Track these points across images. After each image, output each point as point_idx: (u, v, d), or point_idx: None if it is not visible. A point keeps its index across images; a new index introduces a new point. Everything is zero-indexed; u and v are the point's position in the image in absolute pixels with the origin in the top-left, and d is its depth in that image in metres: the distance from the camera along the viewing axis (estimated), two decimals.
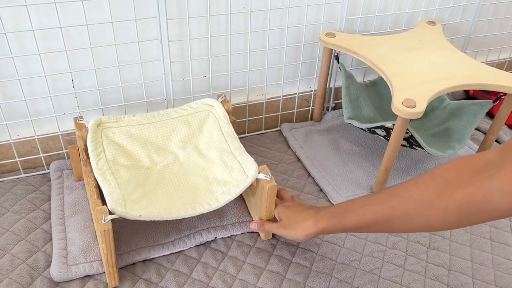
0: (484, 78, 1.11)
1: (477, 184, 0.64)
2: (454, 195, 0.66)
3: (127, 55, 1.13)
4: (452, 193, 0.67)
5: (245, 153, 1.04)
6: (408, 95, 1.01)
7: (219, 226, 1.05)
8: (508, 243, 1.07)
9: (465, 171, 0.67)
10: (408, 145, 1.17)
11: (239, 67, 1.27)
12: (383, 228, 0.79)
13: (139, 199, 0.94)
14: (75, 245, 0.98)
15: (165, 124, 1.11)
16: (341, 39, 1.23)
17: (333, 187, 1.18)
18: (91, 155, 1.00)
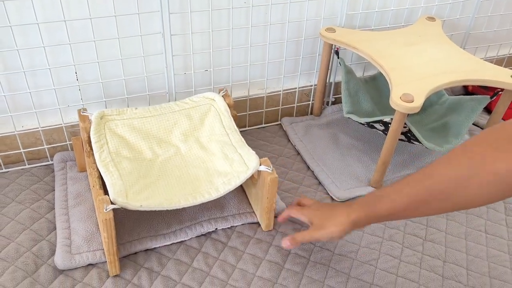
0: (482, 73, 1.12)
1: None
2: (495, 166, 0.62)
3: (130, 49, 1.14)
4: (491, 165, 0.63)
5: (246, 145, 1.06)
6: (406, 90, 1.03)
7: (219, 217, 1.07)
8: (502, 236, 1.09)
9: (500, 140, 0.63)
10: (406, 140, 1.19)
11: (240, 61, 1.29)
12: (420, 210, 0.74)
13: (141, 190, 0.97)
14: (78, 234, 1.00)
15: (167, 117, 1.13)
16: (341, 34, 1.25)
17: (332, 180, 1.20)
18: (94, 147, 1.02)
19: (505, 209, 1.17)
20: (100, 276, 0.93)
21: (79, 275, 0.93)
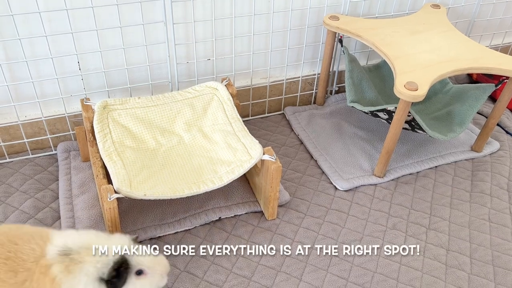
0: (487, 61, 1.11)
1: None
2: None
3: (132, 38, 1.14)
4: None
5: (249, 135, 1.06)
6: (410, 78, 1.02)
7: (224, 207, 1.07)
8: (506, 224, 1.09)
9: None
10: (410, 128, 1.18)
11: (243, 50, 1.28)
12: None
13: (145, 180, 0.97)
14: (82, 223, 1.00)
15: (170, 107, 1.12)
16: (345, 22, 1.23)
17: (335, 169, 1.20)
18: (97, 137, 1.02)
19: (509, 198, 1.16)
20: None
21: None
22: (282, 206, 1.10)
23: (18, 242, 0.72)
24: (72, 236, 0.75)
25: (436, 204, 1.13)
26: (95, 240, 0.75)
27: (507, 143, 1.33)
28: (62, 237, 0.74)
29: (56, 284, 0.70)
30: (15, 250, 0.71)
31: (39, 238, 0.74)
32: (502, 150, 1.31)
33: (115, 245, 0.74)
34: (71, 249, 0.72)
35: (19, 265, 0.70)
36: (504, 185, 1.19)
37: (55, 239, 0.74)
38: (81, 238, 0.75)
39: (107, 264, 0.72)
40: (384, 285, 0.94)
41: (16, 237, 0.73)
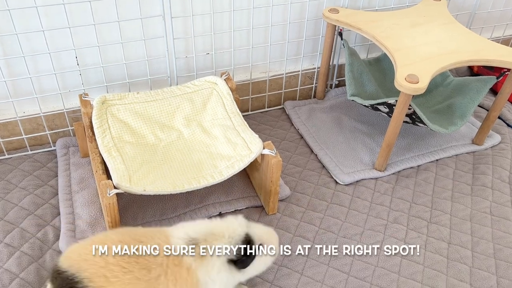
0: (488, 53, 1.10)
1: None
2: None
3: (130, 32, 1.13)
4: None
5: (249, 129, 1.05)
6: (411, 71, 1.01)
7: (224, 201, 1.07)
8: (508, 217, 1.09)
9: None
10: (410, 122, 1.17)
11: (242, 44, 1.27)
12: None
13: (145, 175, 0.96)
14: (82, 219, 1.00)
15: (169, 102, 1.12)
16: (345, 15, 1.22)
17: (336, 163, 1.19)
18: (96, 132, 1.02)
19: (510, 191, 1.16)
20: None
21: None
22: (283, 201, 1.09)
23: (142, 240, 0.75)
24: (190, 227, 0.78)
25: (437, 198, 1.12)
26: (214, 226, 0.79)
27: (508, 136, 1.33)
28: (181, 230, 0.78)
29: (192, 272, 0.73)
30: (139, 248, 0.73)
31: (160, 234, 0.77)
32: (503, 143, 1.30)
33: (236, 226, 0.79)
34: (196, 239, 0.76)
35: (151, 262, 0.72)
36: (505, 178, 1.19)
37: (174, 233, 0.77)
38: (200, 226, 0.78)
39: (235, 245, 0.76)
40: (386, 279, 0.94)
41: (139, 235, 0.76)
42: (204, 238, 0.76)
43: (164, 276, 0.72)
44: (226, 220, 0.81)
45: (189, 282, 0.73)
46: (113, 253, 0.72)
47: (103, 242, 0.73)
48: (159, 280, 0.72)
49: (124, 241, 0.74)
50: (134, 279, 0.71)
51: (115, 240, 0.74)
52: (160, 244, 0.75)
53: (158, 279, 0.72)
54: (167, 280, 0.72)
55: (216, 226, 0.79)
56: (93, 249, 0.72)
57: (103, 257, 0.72)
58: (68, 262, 0.72)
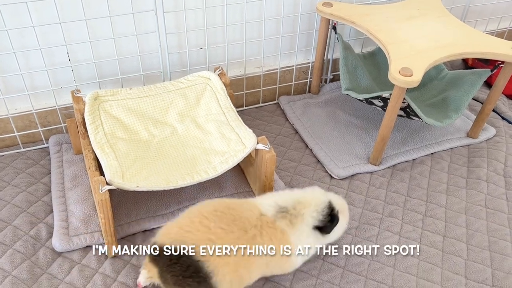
0: (482, 46, 1.10)
1: None
2: None
3: (122, 28, 1.12)
4: None
5: (243, 124, 1.05)
6: (405, 64, 1.01)
7: (217, 197, 1.06)
8: (503, 210, 1.09)
9: None
10: (405, 115, 1.17)
11: (236, 39, 1.26)
12: None
13: (138, 171, 0.95)
14: (75, 216, 0.99)
15: (162, 97, 1.11)
16: (338, 8, 1.22)
17: (331, 158, 1.19)
18: (89, 129, 1.01)
19: (505, 183, 1.16)
20: (98, 258, 0.93)
21: (77, 256, 0.93)
22: None
23: (235, 208, 0.82)
24: (277, 197, 0.87)
25: (433, 191, 1.12)
26: (299, 195, 0.87)
27: (503, 128, 1.33)
28: (269, 200, 0.86)
29: (285, 235, 0.82)
30: (236, 213, 0.81)
31: (248, 204, 0.85)
32: (498, 136, 1.30)
33: (319, 195, 0.87)
34: (285, 207, 0.84)
35: (246, 224, 0.80)
36: (500, 171, 1.19)
37: (263, 203, 0.85)
38: (287, 196, 0.87)
39: (321, 212, 0.85)
40: (381, 272, 0.93)
41: (231, 204, 0.83)
42: (294, 206, 0.84)
43: (260, 236, 0.80)
44: (308, 190, 0.89)
45: (283, 243, 0.81)
46: (213, 221, 0.78)
47: (199, 213, 0.80)
48: (255, 240, 0.79)
49: (218, 210, 0.80)
50: (235, 239, 0.77)
51: (210, 210, 0.80)
52: (252, 211, 0.82)
53: (254, 239, 0.79)
54: (262, 240, 0.80)
55: (301, 195, 0.87)
56: (192, 221, 0.78)
57: (203, 224, 0.78)
58: (169, 239, 0.76)
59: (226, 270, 0.75)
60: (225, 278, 0.75)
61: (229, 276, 0.76)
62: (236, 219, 0.79)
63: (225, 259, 0.75)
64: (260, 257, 0.79)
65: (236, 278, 0.77)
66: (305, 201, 0.85)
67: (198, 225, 0.77)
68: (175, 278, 0.74)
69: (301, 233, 0.84)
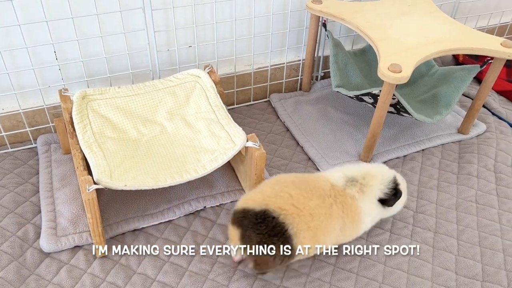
0: (471, 42, 1.10)
1: None
2: None
3: (110, 26, 1.11)
4: None
5: (233, 122, 1.04)
6: (394, 60, 1.01)
7: (208, 196, 1.06)
8: (493, 205, 1.09)
9: None
10: (395, 112, 1.17)
11: (226, 37, 1.26)
12: None
13: (126, 170, 0.95)
14: (64, 216, 0.98)
15: (151, 96, 1.10)
16: (328, 5, 1.21)
17: (322, 155, 1.19)
18: (77, 128, 1.00)
19: (495, 179, 1.16)
20: (87, 258, 0.92)
21: (65, 257, 0.92)
22: None
23: (308, 180, 0.89)
24: (344, 170, 0.93)
25: (423, 187, 1.12)
26: (368, 168, 0.94)
27: (494, 124, 1.33)
28: (337, 173, 0.93)
29: (355, 201, 0.89)
30: (312, 184, 0.87)
31: (318, 176, 0.92)
32: (488, 132, 1.30)
33: (386, 170, 0.95)
34: (354, 178, 0.91)
35: (322, 193, 0.86)
36: (491, 167, 1.19)
37: (332, 175, 0.92)
38: (355, 169, 0.93)
39: (387, 185, 0.92)
40: (372, 270, 0.93)
41: (305, 176, 0.91)
42: (363, 177, 0.91)
43: (335, 204, 0.86)
44: (374, 165, 0.97)
45: (353, 209, 0.88)
46: (293, 189, 0.84)
47: (278, 183, 0.87)
48: (332, 208, 0.86)
49: (295, 181, 0.87)
50: (316, 206, 0.84)
51: (288, 181, 0.87)
52: (325, 181, 0.89)
53: (331, 207, 0.86)
54: (337, 208, 0.86)
55: (369, 168, 0.94)
56: (274, 189, 0.85)
57: (285, 192, 0.84)
58: (252, 203, 0.83)
59: (307, 234, 0.82)
60: (305, 241, 0.82)
61: (309, 240, 0.82)
62: (313, 189, 0.86)
63: (307, 224, 0.82)
64: (336, 224, 0.86)
65: (314, 242, 0.84)
66: (373, 174, 0.92)
67: (280, 192, 0.84)
68: (260, 236, 0.80)
69: (369, 202, 0.91)
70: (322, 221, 0.84)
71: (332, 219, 0.85)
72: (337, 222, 0.86)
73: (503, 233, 1.02)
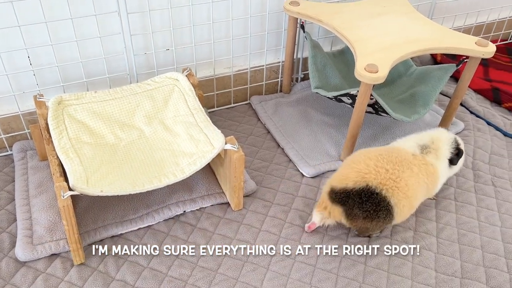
0: (446, 41, 1.11)
1: None
2: None
3: (86, 30, 1.09)
4: None
5: (211, 125, 1.04)
6: (370, 61, 1.01)
7: (188, 200, 1.05)
8: (472, 202, 1.10)
9: None
10: (374, 112, 1.18)
11: (204, 39, 1.25)
12: None
13: (104, 176, 0.93)
14: (40, 224, 0.96)
15: (129, 100, 1.09)
16: (306, 7, 1.22)
17: (302, 156, 1.19)
18: (53, 134, 0.98)
19: (473, 176, 1.17)
20: (64, 266, 0.90)
21: (42, 266, 0.90)
22: (249, 196, 1.08)
23: (392, 151, 0.97)
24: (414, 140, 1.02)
25: None
26: (431, 134, 1.03)
27: (471, 122, 1.35)
28: (409, 142, 1.02)
29: (433, 167, 0.98)
30: (397, 156, 0.95)
31: (398, 148, 0.99)
32: (466, 130, 1.32)
33: (447, 133, 1.05)
34: (426, 145, 1.00)
35: (409, 164, 0.95)
36: (469, 164, 1.20)
37: (406, 145, 1.01)
38: (422, 137, 1.03)
39: (453, 146, 1.02)
40: (353, 270, 0.93)
41: (387, 149, 0.99)
42: (433, 142, 1.01)
43: (421, 172, 0.95)
44: (435, 130, 1.06)
45: (435, 176, 0.98)
46: (386, 163, 0.93)
47: (366, 157, 0.95)
48: (419, 176, 0.95)
49: (382, 154, 0.95)
50: (409, 176, 0.93)
51: (375, 154, 0.95)
52: (406, 152, 0.97)
53: (418, 175, 0.95)
54: (423, 175, 0.96)
55: (433, 133, 1.03)
56: (368, 164, 0.93)
57: (379, 167, 0.92)
58: (351, 182, 0.91)
59: (405, 202, 0.92)
60: (404, 209, 0.93)
61: (406, 207, 0.93)
62: (400, 160, 0.94)
63: (404, 193, 0.92)
64: (423, 188, 0.96)
65: (410, 207, 0.95)
66: (439, 137, 1.02)
67: (374, 167, 0.92)
68: (366, 213, 0.90)
69: (443, 164, 1.00)
70: (415, 189, 0.94)
71: (420, 185, 0.95)
72: (424, 187, 0.96)
73: (481, 229, 1.03)
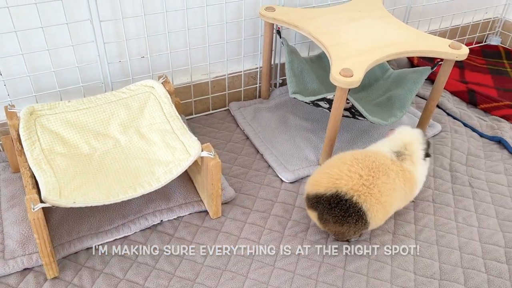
0: (421, 45, 1.12)
1: None
2: None
3: (58, 38, 1.07)
4: None
5: (188, 132, 1.02)
6: (346, 65, 1.02)
7: (165, 209, 1.03)
8: (449, 204, 1.11)
9: None
10: (351, 116, 1.18)
11: (180, 46, 1.24)
12: None
13: (77, 187, 0.91)
14: (12, 238, 0.94)
15: (103, 109, 1.07)
16: (281, 13, 1.22)
17: (281, 162, 1.18)
18: (24, 145, 0.96)
19: (451, 178, 1.18)
20: (37, 280, 0.88)
21: (14, 281, 0.88)
22: (228, 203, 1.07)
23: (370, 155, 0.95)
24: (385, 145, 1.00)
25: None
26: (401, 138, 1.00)
27: (448, 124, 1.36)
28: (385, 148, 0.99)
29: (409, 173, 0.96)
30: (374, 161, 0.93)
31: (377, 152, 0.97)
32: (444, 132, 1.33)
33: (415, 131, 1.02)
34: (401, 152, 0.98)
35: (385, 170, 0.93)
36: (446, 166, 1.21)
37: (383, 149, 0.99)
38: (394, 143, 1.00)
39: (424, 146, 1.00)
40: (332, 274, 0.93)
41: (365, 152, 0.96)
42: (405, 148, 0.99)
43: (397, 178, 0.94)
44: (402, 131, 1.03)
45: (412, 181, 0.97)
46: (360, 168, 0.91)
47: (341, 162, 0.93)
48: (395, 182, 0.94)
49: (358, 158, 0.93)
50: (384, 183, 0.91)
51: (351, 158, 0.94)
52: (384, 157, 0.95)
53: (394, 181, 0.93)
54: (400, 181, 0.94)
55: (402, 137, 1.01)
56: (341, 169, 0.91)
57: (352, 172, 0.91)
58: (323, 188, 0.90)
59: (378, 207, 0.91)
60: (378, 214, 0.91)
61: (380, 212, 0.92)
62: (376, 166, 0.92)
63: (377, 199, 0.90)
64: (400, 194, 0.95)
65: (385, 213, 0.93)
66: (410, 141, 1.00)
67: (347, 172, 0.91)
68: (335, 218, 0.90)
69: (419, 167, 0.99)
70: (389, 195, 0.92)
71: (396, 191, 0.94)
72: (401, 193, 0.95)
73: (459, 230, 1.04)
